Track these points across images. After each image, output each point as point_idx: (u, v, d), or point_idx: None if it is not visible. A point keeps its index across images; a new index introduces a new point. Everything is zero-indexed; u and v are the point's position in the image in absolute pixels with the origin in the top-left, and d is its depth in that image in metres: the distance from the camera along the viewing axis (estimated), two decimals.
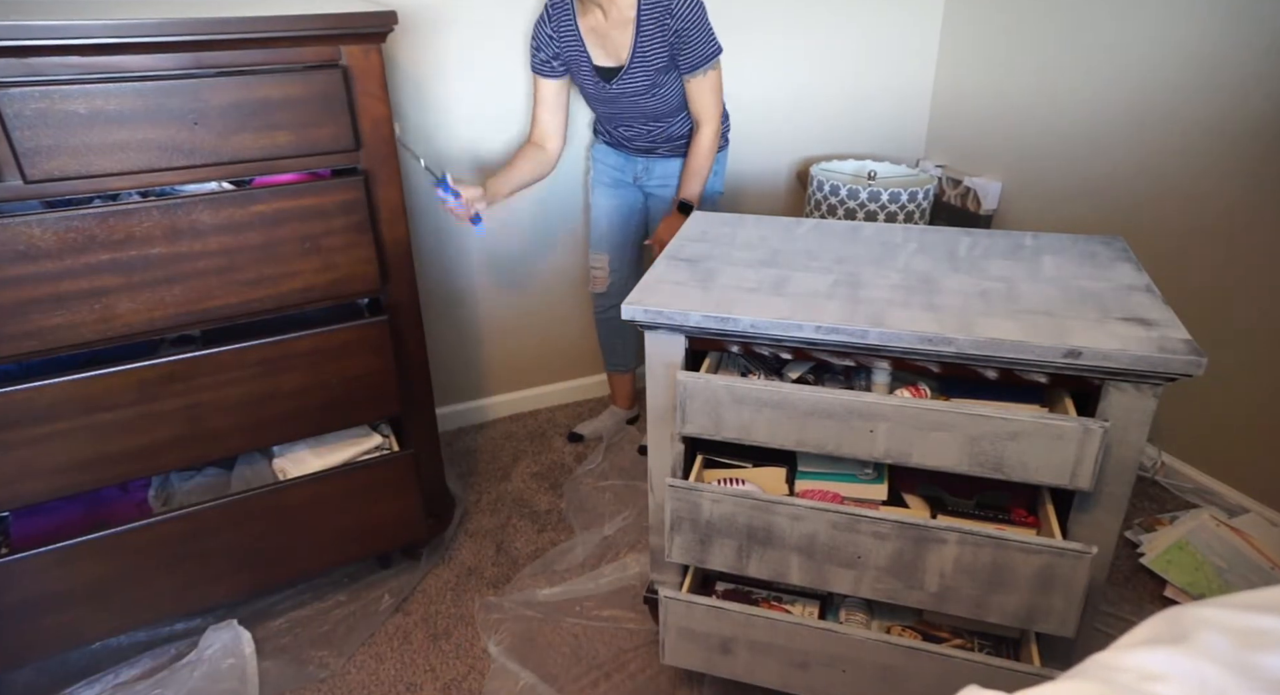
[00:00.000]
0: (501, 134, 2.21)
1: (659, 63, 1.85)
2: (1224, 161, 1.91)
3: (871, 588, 1.32)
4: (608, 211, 2.18)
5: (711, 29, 1.84)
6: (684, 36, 1.80)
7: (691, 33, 1.80)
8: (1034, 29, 2.33)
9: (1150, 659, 0.47)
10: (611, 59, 1.89)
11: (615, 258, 2.22)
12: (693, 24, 1.80)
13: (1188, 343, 1.13)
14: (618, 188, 2.16)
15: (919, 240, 1.57)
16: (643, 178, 2.13)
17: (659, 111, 1.96)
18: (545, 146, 2.03)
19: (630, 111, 1.98)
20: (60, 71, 1.27)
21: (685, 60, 1.84)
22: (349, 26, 1.42)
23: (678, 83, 1.92)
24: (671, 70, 1.88)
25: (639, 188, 2.16)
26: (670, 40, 1.82)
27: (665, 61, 1.85)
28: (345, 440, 1.77)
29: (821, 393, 1.24)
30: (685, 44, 1.81)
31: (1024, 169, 2.44)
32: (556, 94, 1.99)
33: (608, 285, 2.24)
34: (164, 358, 1.48)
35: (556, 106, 2.00)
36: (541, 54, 1.93)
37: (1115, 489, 1.22)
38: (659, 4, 1.79)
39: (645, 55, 1.84)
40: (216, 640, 1.69)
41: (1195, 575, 1.81)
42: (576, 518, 2.09)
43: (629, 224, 2.20)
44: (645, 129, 2.02)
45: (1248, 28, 1.81)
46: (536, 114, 2.02)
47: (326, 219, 1.52)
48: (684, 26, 1.79)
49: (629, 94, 1.92)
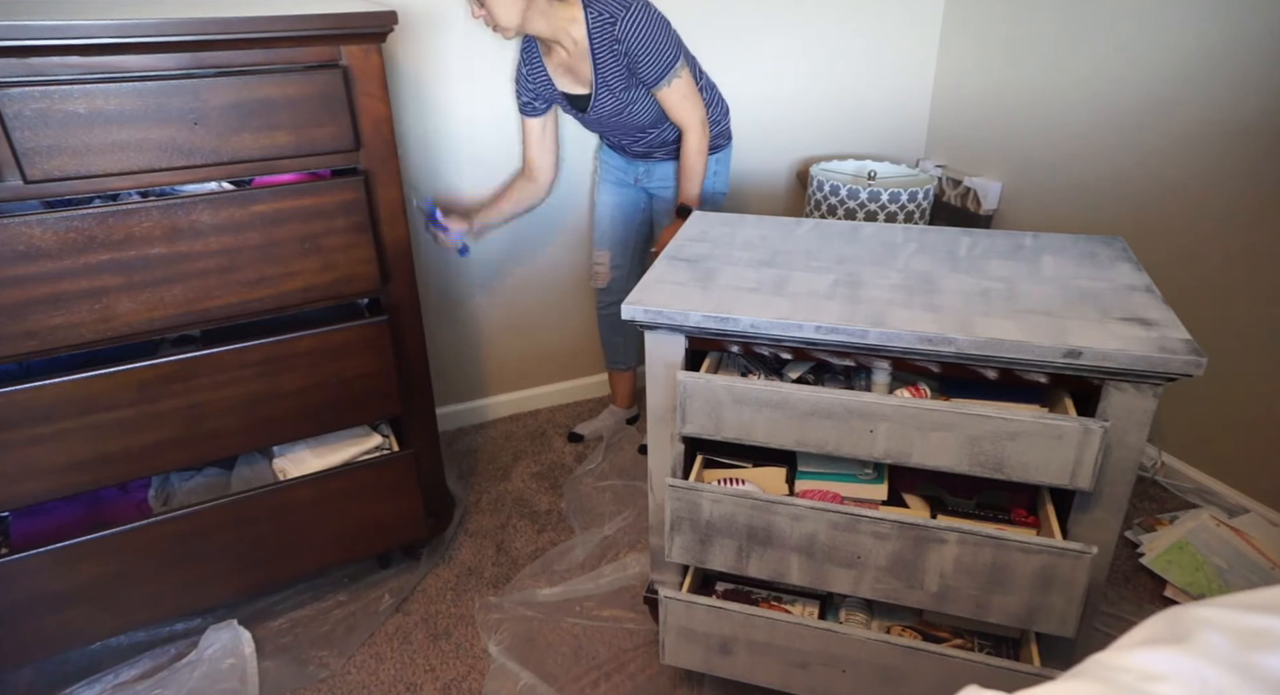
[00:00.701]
0: (501, 134, 2.21)
1: (620, 83, 1.89)
2: (1224, 161, 1.91)
3: (871, 588, 1.32)
4: (611, 208, 2.21)
5: (664, 41, 1.83)
6: (635, 56, 1.82)
7: (641, 51, 1.82)
8: (1034, 29, 2.33)
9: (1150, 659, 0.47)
10: (584, 87, 1.94)
11: (617, 254, 2.24)
12: (639, 42, 1.81)
13: (1188, 343, 1.13)
14: (622, 186, 2.20)
15: (919, 240, 1.57)
16: (644, 179, 2.16)
17: (642, 123, 1.99)
18: (536, 179, 2.13)
19: (616, 128, 2.03)
20: (60, 71, 1.27)
21: (644, 76, 1.86)
22: (349, 26, 1.42)
23: (649, 95, 1.93)
24: (636, 86, 1.90)
25: (642, 189, 2.19)
26: (625, 63, 1.85)
27: (627, 81, 1.88)
28: (345, 440, 1.77)
29: (821, 393, 1.24)
30: (639, 62, 1.83)
31: (1024, 169, 2.44)
32: (542, 131, 2.07)
33: (609, 280, 2.27)
34: (164, 358, 1.48)
35: (543, 142, 2.09)
36: (524, 96, 2.01)
37: (1115, 489, 1.22)
38: (605, 33, 1.81)
39: (606, 80, 1.88)
40: (216, 640, 1.69)
41: (1195, 575, 1.81)
42: (576, 518, 2.09)
43: (632, 221, 2.23)
44: (637, 137, 2.05)
45: (1248, 28, 1.81)
46: (524, 152, 2.11)
47: (326, 219, 1.52)
48: (631, 47, 1.81)
49: (605, 116, 1.97)
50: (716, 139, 2.09)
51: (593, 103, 1.94)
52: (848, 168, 2.50)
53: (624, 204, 2.20)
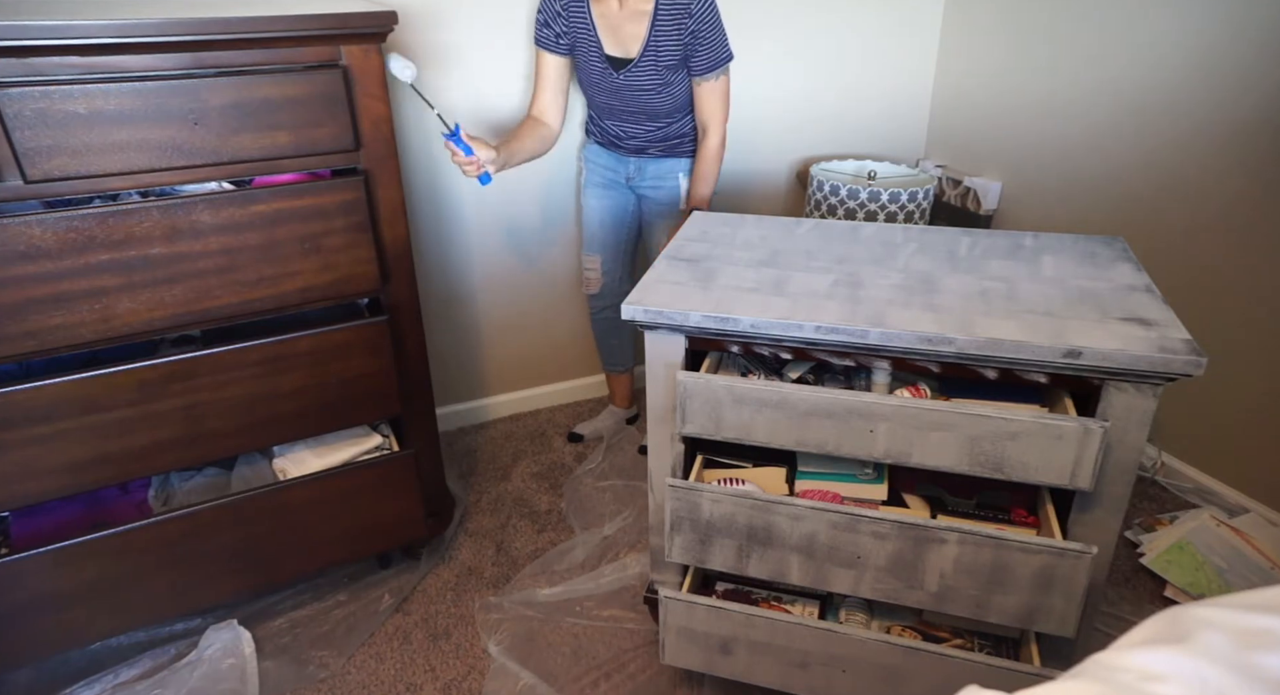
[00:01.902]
0: (501, 134, 2.20)
1: (670, 61, 1.83)
2: (1224, 161, 1.91)
3: (871, 588, 1.32)
4: (599, 213, 2.15)
5: (724, 33, 1.83)
6: (700, 37, 1.79)
7: (707, 34, 1.79)
8: (1034, 29, 2.33)
9: (1150, 659, 0.47)
10: (619, 50, 1.85)
11: (608, 259, 2.20)
12: (709, 26, 1.78)
13: (1188, 343, 1.13)
14: (610, 189, 2.13)
15: (919, 240, 1.57)
16: (635, 178, 2.10)
17: (660, 109, 1.93)
18: (546, 121, 1.98)
19: (631, 106, 1.94)
20: (60, 71, 1.27)
21: (698, 62, 1.82)
22: (349, 26, 1.42)
23: (684, 83, 1.90)
24: (680, 69, 1.86)
25: (631, 189, 2.13)
26: (685, 40, 1.79)
27: (676, 60, 1.83)
28: (345, 440, 1.77)
29: (821, 393, 1.24)
30: (700, 45, 1.80)
31: (1024, 169, 2.44)
32: (559, 72, 1.95)
33: (600, 286, 2.22)
34: (164, 358, 1.48)
35: (558, 85, 1.97)
36: (550, 29, 1.89)
37: (1115, 489, 1.22)
38: (678, 2, 1.78)
39: (658, 51, 1.82)
40: (216, 640, 1.69)
41: (1195, 575, 1.81)
42: (576, 518, 2.09)
43: (621, 225, 2.18)
44: (641, 128, 1.99)
45: (1247, 28, 1.81)
46: (538, 92, 1.97)
47: (326, 219, 1.52)
48: (700, 27, 1.78)
49: (634, 87, 1.88)
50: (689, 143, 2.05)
51: (632, 67, 1.84)
52: (848, 168, 2.50)
53: (613, 208, 2.15)
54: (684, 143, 2.03)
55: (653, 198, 2.10)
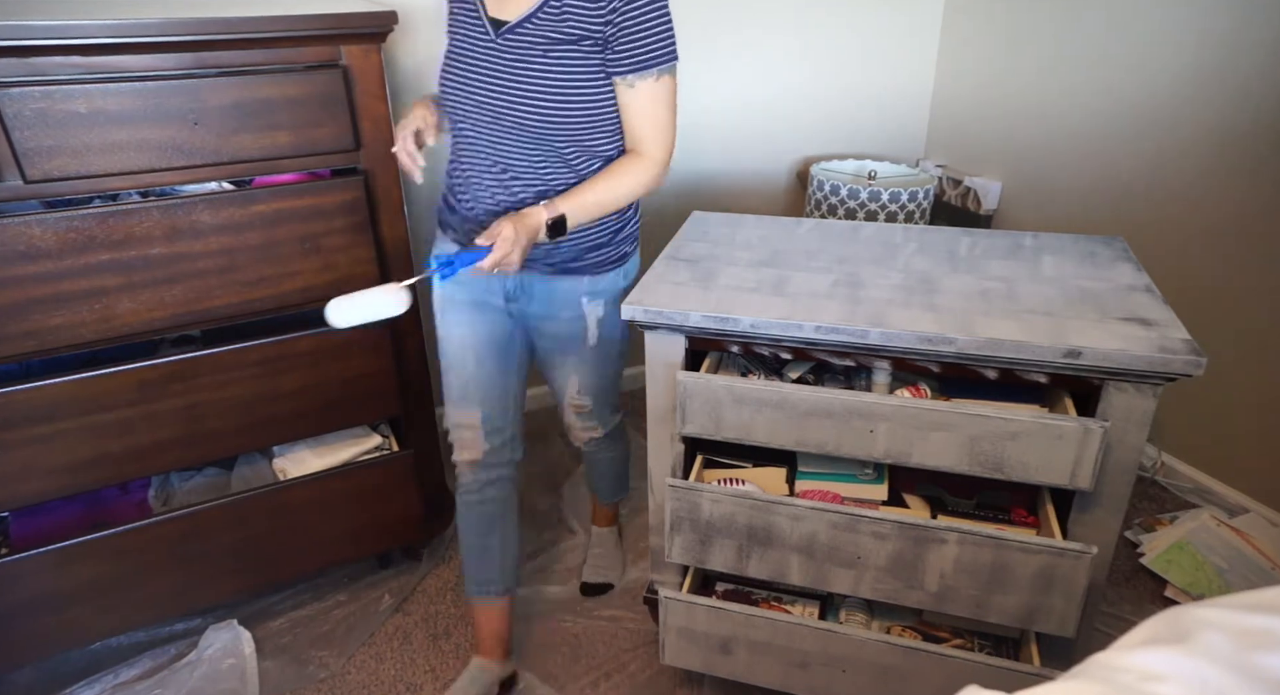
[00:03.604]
0: None
1: (573, 32, 1.21)
2: (1224, 161, 1.91)
3: (871, 588, 1.32)
4: (473, 344, 1.42)
5: (669, 24, 1.23)
6: (626, 17, 1.19)
7: (635, 15, 1.19)
8: (1034, 29, 2.32)
9: (1151, 659, 0.47)
10: (504, 12, 1.24)
11: (493, 412, 1.45)
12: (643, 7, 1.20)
13: (1188, 343, 1.13)
14: (480, 309, 1.41)
15: (919, 240, 1.57)
16: (520, 302, 1.41)
17: (553, 111, 1.24)
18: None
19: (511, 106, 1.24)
20: (60, 71, 1.27)
21: (619, 54, 1.21)
22: (349, 26, 1.43)
23: (587, 79, 1.24)
24: (588, 53, 1.22)
25: (510, 314, 1.43)
26: (605, 16, 1.19)
27: (580, 34, 1.21)
28: (345, 440, 1.77)
29: (821, 393, 1.24)
30: (623, 33, 1.20)
31: (1024, 169, 2.44)
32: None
33: (483, 452, 1.46)
34: (164, 358, 1.48)
35: None
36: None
37: (1115, 489, 1.22)
38: None
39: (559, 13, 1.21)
40: (216, 640, 1.69)
41: (1195, 575, 1.81)
42: (577, 518, 2.09)
43: (506, 354, 1.45)
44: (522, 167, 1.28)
45: (1248, 27, 1.81)
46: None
47: (326, 219, 1.52)
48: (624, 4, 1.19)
49: (516, 58, 1.23)
50: (623, 242, 1.41)
51: (516, 25, 1.22)
52: (848, 168, 2.50)
53: (494, 332, 1.43)
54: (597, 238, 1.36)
55: (550, 334, 1.44)
